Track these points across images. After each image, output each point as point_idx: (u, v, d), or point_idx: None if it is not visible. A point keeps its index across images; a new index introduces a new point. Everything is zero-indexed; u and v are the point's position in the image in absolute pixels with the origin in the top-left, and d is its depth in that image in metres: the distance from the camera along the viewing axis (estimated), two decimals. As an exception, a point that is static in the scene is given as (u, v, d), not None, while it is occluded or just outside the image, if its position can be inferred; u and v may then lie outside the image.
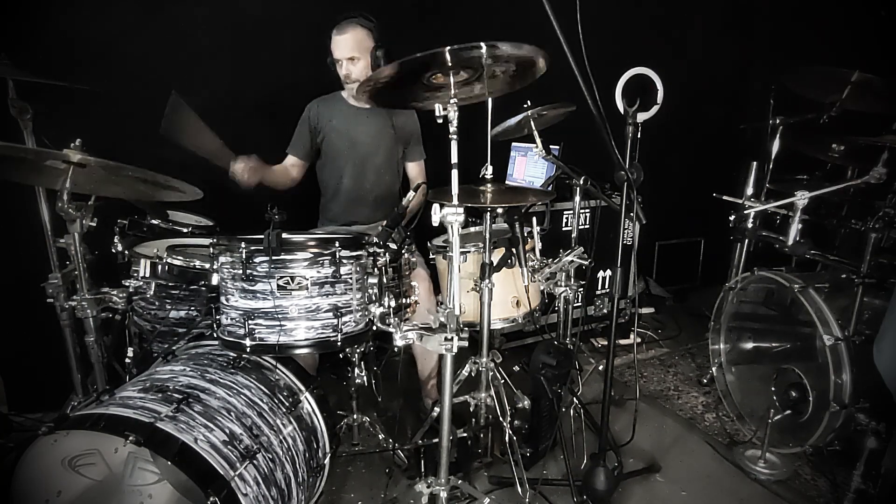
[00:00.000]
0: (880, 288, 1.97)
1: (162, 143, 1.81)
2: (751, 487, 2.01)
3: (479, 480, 2.02)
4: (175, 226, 2.20)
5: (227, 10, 2.42)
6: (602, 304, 3.16)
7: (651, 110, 2.06)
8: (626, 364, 2.94)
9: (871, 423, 1.83)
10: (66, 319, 1.87)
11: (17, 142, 1.83)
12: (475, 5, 2.80)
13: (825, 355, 1.89)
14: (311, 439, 1.62)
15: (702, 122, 3.46)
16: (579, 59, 1.38)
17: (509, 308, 1.99)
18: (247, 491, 1.31)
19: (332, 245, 1.46)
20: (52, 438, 1.25)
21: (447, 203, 1.40)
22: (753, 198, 2.45)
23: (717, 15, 3.42)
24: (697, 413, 2.51)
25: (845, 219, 2.22)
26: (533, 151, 1.93)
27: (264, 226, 1.46)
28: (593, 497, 1.82)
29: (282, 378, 1.66)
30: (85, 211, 1.56)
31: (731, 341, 2.46)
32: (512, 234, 1.91)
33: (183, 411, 1.34)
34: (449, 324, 1.43)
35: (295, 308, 1.45)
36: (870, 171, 1.98)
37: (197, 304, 1.75)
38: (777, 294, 2.30)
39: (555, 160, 1.93)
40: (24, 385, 2.36)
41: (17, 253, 2.11)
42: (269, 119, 2.50)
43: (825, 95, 2.29)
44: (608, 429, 1.86)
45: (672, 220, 3.52)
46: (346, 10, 2.15)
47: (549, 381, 1.96)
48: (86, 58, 2.18)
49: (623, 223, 1.75)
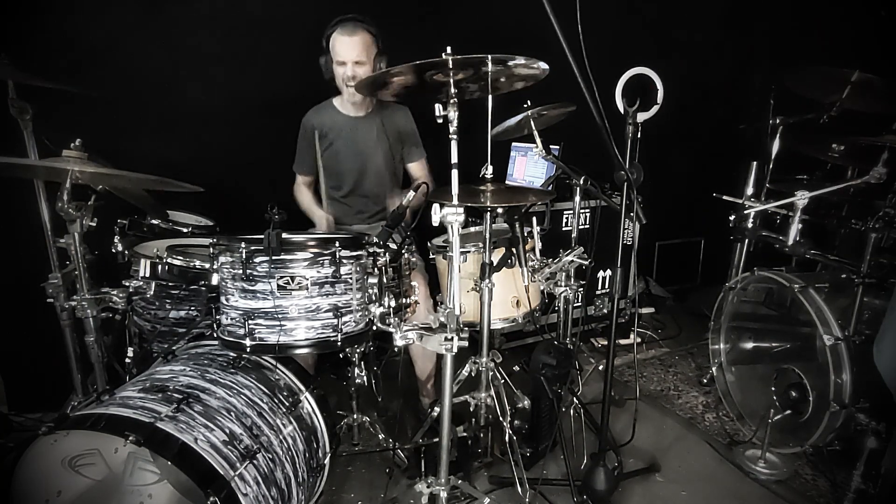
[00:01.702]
0: (880, 288, 1.97)
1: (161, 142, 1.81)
2: (751, 487, 2.01)
3: (479, 480, 2.02)
4: (175, 226, 2.20)
5: (227, 10, 2.42)
6: (602, 304, 3.16)
7: (651, 110, 2.06)
8: (626, 364, 2.94)
9: (871, 423, 1.83)
10: (66, 319, 1.87)
11: (17, 142, 1.83)
12: (475, 5, 2.80)
13: (825, 355, 1.89)
14: (311, 439, 1.63)
15: (702, 122, 3.46)
16: (579, 60, 1.38)
17: (509, 308, 1.99)
18: (247, 491, 1.31)
19: (332, 245, 1.46)
20: (52, 438, 1.25)
21: (447, 203, 1.40)
22: (753, 198, 2.45)
23: (717, 15, 3.41)
24: (697, 413, 2.51)
25: (845, 219, 2.22)
26: (533, 151, 1.93)
27: (264, 226, 1.45)
28: (593, 497, 1.82)
29: (282, 378, 1.66)
30: (85, 211, 1.56)
31: (731, 341, 2.46)
32: (512, 234, 1.91)
33: (183, 411, 1.34)
34: (449, 324, 1.43)
35: (295, 308, 1.45)
36: (870, 171, 1.98)
37: (197, 304, 1.75)
38: (777, 294, 2.30)
39: (555, 160, 1.93)
40: (24, 385, 2.36)
41: (17, 253, 2.11)
42: (269, 119, 2.50)
43: (825, 95, 2.29)
44: (608, 429, 1.86)
45: (672, 220, 3.52)
46: (345, 10, 2.15)
47: (549, 381, 1.96)
48: (86, 58, 2.18)
49: (623, 223, 1.75)
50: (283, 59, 2.54)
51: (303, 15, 2.52)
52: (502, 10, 2.69)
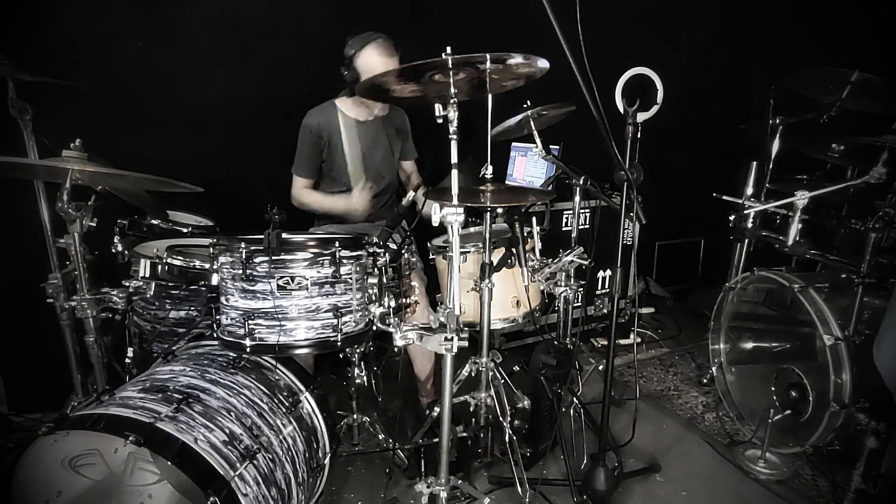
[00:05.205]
0: (880, 288, 1.97)
1: (161, 142, 1.81)
2: (751, 487, 2.01)
3: (479, 480, 2.02)
4: (175, 226, 2.20)
5: (228, 10, 2.41)
6: (602, 304, 3.16)
7: (651, 110, 2.06)
8: (626, 364, 2.94)
9: (871, 423, 1.83)
10: (66, 319, 1.87)
11: (17, 142, 1.83)
12: (475, 5, 2.80)
13: (825, 355, 1.89)
14: (311, 439, 1.63)
15: (702, 122, 3.46)
16: (579, 59, 1.38)
17: (509, 308, 1.99)
18: (247, 491, 1.31)
19: (332, 245, 1.46)
20: (52, 438, 1.25)
21: (447, 203, 1.40)
22: (753, 198, 2.45)
23: (717, 15, 3.42)
24: (697, 413, 2.51)
25: (845, 219, 2.22)
26: (533, 151, 1.93)
27: (264, 226, 1.45)
28: (593, 497, 1.82)
29: (282, 378, 1.66)
30: (85, 211, 1.56)
31: (731, 341, 2.46)
32: (512, 234, 1.90)
33: (183, 411, 1.34)
34: (449, 324, 1.43)
35: (295, 308, 1.45)
36: (870, 171, 1.98)
37: (197, 304, 1.75)
38: (777, 294, 2.30)
39: (555, 160, 1.93)
40: (24, 385, 2.36)
41: (17, 253, 2.11)
42: (268, 119, 2.50)
43: (825, 95, 2.29)
44: (608, 429, 1.86)
45: (672, 220, 3.52)
46: (346, 11, 2.14)
47: (549, 381, 1.96)
48: (86, 58, 2.17)
49: (623, 223, 1.75)
50: (284, 59, 2.54)
51: (303, 15, 2.52)
52: (502, 10, 2.69)
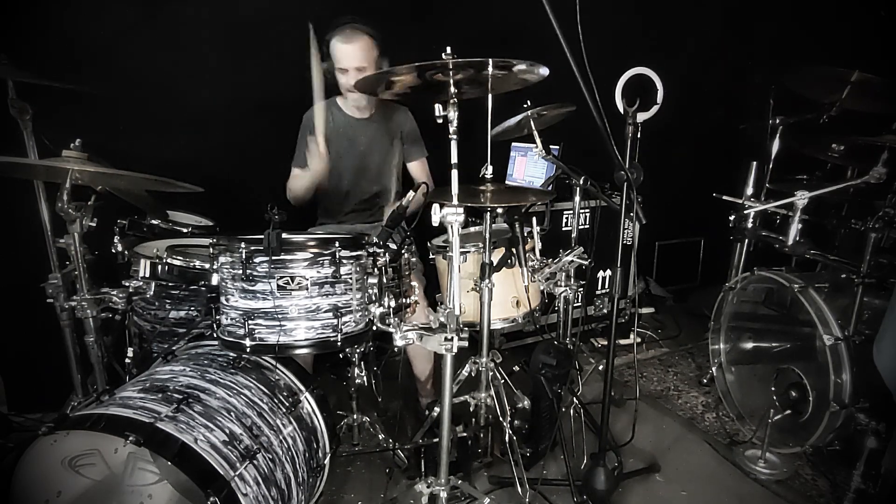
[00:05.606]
0: (880, 288, 1.97)
1: (161, 142, 1.81)
2: (751, 487, 2.01)
3: (479, 480, 2.02)
4: (175, 226, 2.20)
5: (227, 10, 2.41)
6: (602, 304, 3.16)
7: (651, 110, 2.06)
8: (626, 364, 2.94)
9: (871, 423, 1.83)
10: (66, 319, 1.87)
11: (17, 142, 1.83)
12: (475, 5, 2.80)
13: (825, 355, 1.89)
14: (311, 439, 1.63)
15: (702, 122, 3.46)
16: (579, 60, 1.38)
17: (509, 308, 1.99)
18: (247, 491, 1.31)
19: (332, 245, 1.45)
20: (52, 438, 1.25)
21: (447, 203, 1.40)
22: (753, 198, 2.45)
23: (717, 15, 3.41)
24: (697, 413, 2.51)
25: (845, 219, 2.22)
26: (533, 151, 1.93)
27: (264, 226, 1.45)
28: (593, 497, 1.82)
29: (282, 378, 1.66)
30: (85, 211, 1.56)
31: (731, 341, 2.46)
32: (512, 234, 1.91)
33: (183, 411, 1.34)
34: (449, 324, 1.43)
35: (295, 308, 1.44)
36: (870, 171, 1.98)
37: (197, 304, 1.75)
38: (777, 294, 2.30)
39: (555, 160, 1.93)
40: (24, 385, 2.36)
41: (17, 253, 2.11)
42: (269, 119, 2.49)
43: (825, 95, 2.29)
44: (608, 429, 1.86)
45: (672, 220, 3.52)
46: (345, 10, 2.14)
47: (549, 381, 1.96)
48: (86, 58, 2.17)
49: (623, 223, 1.75)
50: (283, 59, 2.53)
51: (303, 15, 2.52)
52: (502, 9, 2.69)
